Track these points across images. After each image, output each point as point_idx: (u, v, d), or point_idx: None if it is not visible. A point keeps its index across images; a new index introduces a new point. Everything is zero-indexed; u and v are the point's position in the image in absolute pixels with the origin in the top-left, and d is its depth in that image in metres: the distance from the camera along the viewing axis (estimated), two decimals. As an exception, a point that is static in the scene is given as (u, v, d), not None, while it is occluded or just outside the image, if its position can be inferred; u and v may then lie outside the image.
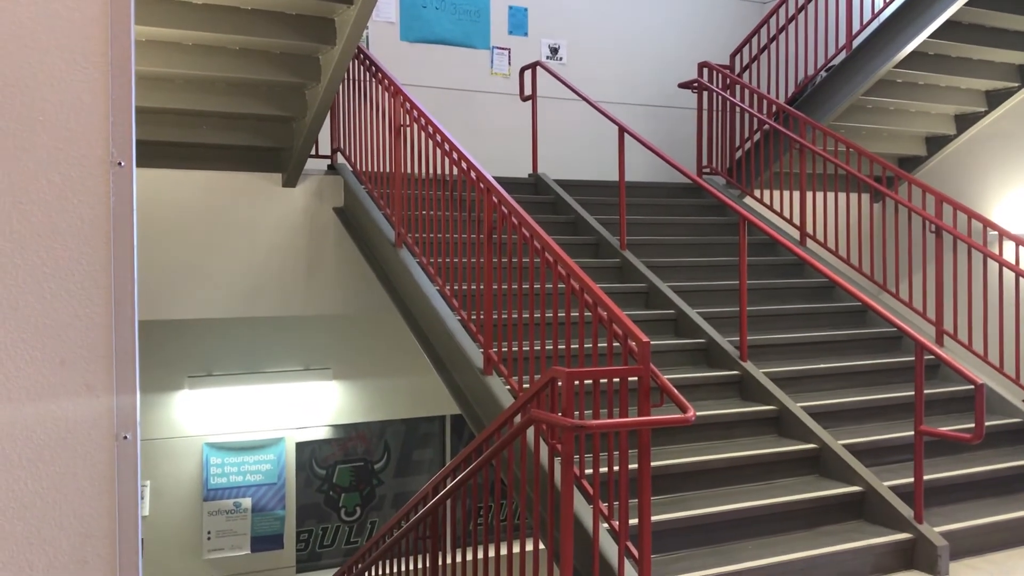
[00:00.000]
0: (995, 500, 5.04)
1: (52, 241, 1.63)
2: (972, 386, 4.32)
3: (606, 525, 3.96)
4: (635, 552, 3.75)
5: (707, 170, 8.23)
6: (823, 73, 8.03)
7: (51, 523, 1.64)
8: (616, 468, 3.91)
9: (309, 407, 8.61)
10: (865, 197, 8.15)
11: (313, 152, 6.69)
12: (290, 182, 6.65)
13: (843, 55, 7.76)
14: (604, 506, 3.93)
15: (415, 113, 5.73)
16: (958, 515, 4.76)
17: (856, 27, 7.72)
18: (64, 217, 1.62)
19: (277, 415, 8.46)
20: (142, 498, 8.29)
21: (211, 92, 6.07)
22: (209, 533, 8.19)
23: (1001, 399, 5.76)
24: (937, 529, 4.50)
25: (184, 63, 5.71)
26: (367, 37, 8.01)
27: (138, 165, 1.70)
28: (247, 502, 8.32)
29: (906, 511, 4.52)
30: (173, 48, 5.66)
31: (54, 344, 1.64)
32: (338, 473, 8.89)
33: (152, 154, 6.27)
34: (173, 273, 6.40)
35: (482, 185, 5.04)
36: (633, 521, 3.99)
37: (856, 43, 7.64)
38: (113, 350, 1.66)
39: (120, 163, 1.64)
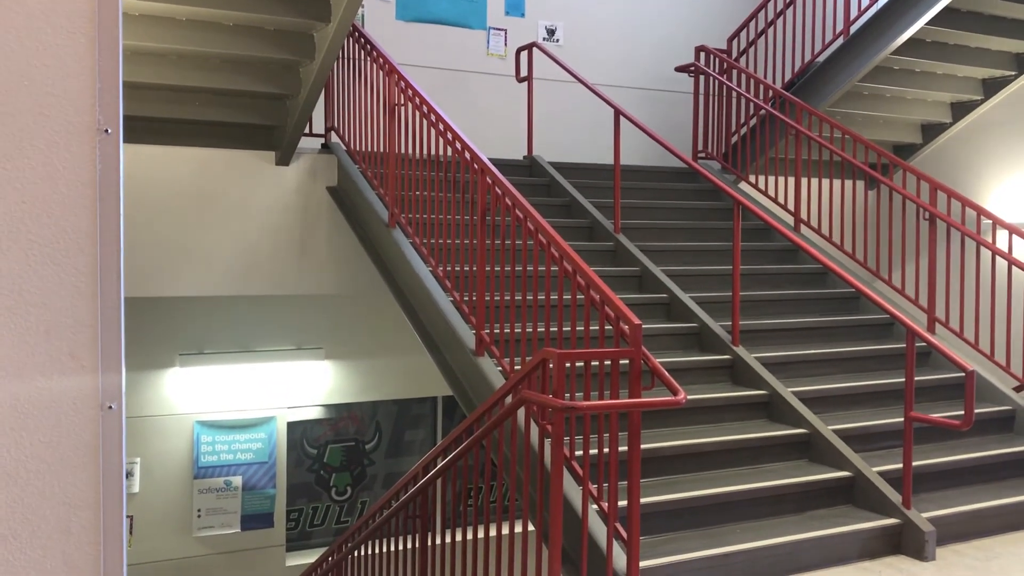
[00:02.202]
0: (982, 487, 5.06)
1: (36, 208, 1.61)
2: (962, 373, 4.33)
3: (595, 507, 3.96)
4: (624, 534, 3.75)
5: (702, 155, 8.22)
6: (820, 59, 8.01)
7: (34, 493, 1.63)
8: (606, 450, 3.92)
9: (301, 386, 8.61)
10: (860, 184, 8.14)
11: (307, 130, 6.66)
12: (283, 160, 6.62)
13: (840, 41, 7.74)
14: (593, 488, 3.93)
15: (410, 92, 5.70)
16: (946, 501, 4.78)
17: (854, 13, 7.69)
18: (49, 183, 1.60)
19: (268, 394, 8.46)
20: (132, 475, 8.30)
21: (204, 68, 6.02)
22: (199, 511, 8.20)
23: (991, 387, 5.78)
24: (925, 515, 4.52)
25: (177, 38, 5.67)
26: (362, 15, 7.96)
27: (130, 141, 1.69)
28: (238, 480, 8.33)
29: (894, 496, 4.54)
30: (166, 23, 5.62)
31: (38, 313, 1.62)
32: (329, 453, 8.90)
33: (144, 130, 6.23)
34: (165, 250, 6.38)
35: (476, 166, 5.02)
36: (622, 503, 4.00)
37: (854, 29, 7.62)
38: (98, 319, 1.64)
39: (107, 130, 1.61)
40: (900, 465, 4.66)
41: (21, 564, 1.61)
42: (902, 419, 4.89)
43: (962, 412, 4.23)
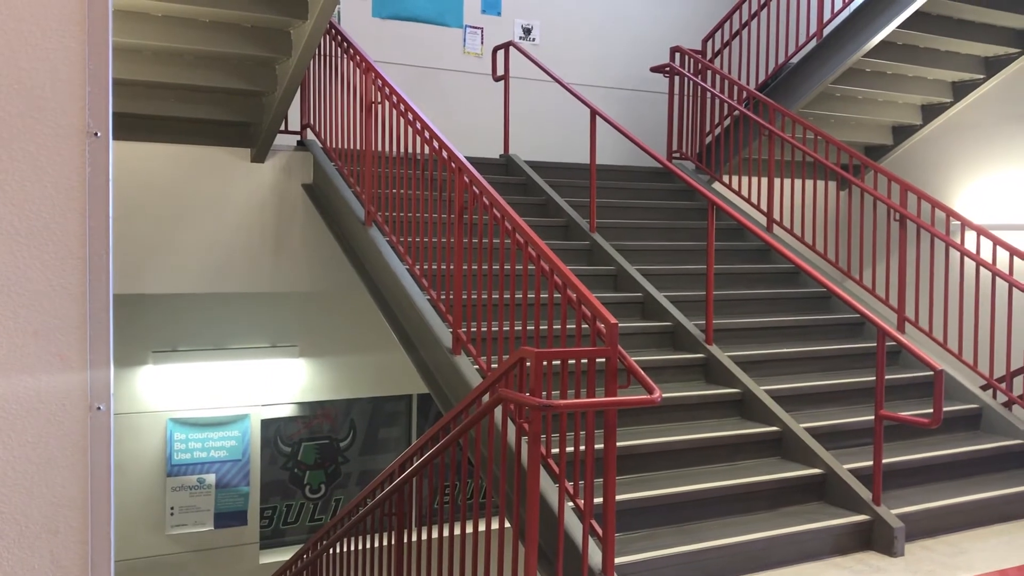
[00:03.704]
0: (951, 484, 5.15)
1: (26, 210, 1.61)
2: (931, 372, 4.40)
3: (571, 504, 4.00)
4: (599, 530, 3.79)
5: (677, 155, 8.28)
6: (793, 61, 8.09)
7: (22, 493, 1.63)
8: (582, 448, 3.95)
9: (275, 384, 8.58)
10: (832, 184, 8.24)
11: (282, 128, 6.64)
12: (259, 157, 6.59)
13: (814, 43, 7.82)
14: (569, 485, 3.96)
15: (387, 90, 5.70)
16: (915, 498, 4.86)
17: (827, 15, 7.78)
18: (39, 186, 1.60)
19: (242, 392, 8.43)
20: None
21: (180, 64, 5.99)
22: (172, 509, 8.16)
23: (959, 385, 5.87)
24: (894, 511, 4.59)
25: (153, 34, 5.63)
26: (339, 12, 7.94)
27: (106, 137, 1.67)
28: (211, 478, 8.29)
29: (865, 493, 4.61)
30: (142, 19, 5.58)
31: (27, 314, 1.62)
32: (303, 450, 8.88)
33: (119, 126, 6.13)
34: (139, 247, 6.33)
35: (453, 164, 5.03)
36: (598, 500, 4.04)
37: (827, 31, 7.71)
38: (87, 321, 1.65)
39: (96, 134, 1.62)
40: (870, 462, 4.74)
41: (8, 564, 1.61)
42: (872, 417, 4.96)
43: (931, 410, 4.31)
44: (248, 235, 6.65)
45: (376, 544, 5.12)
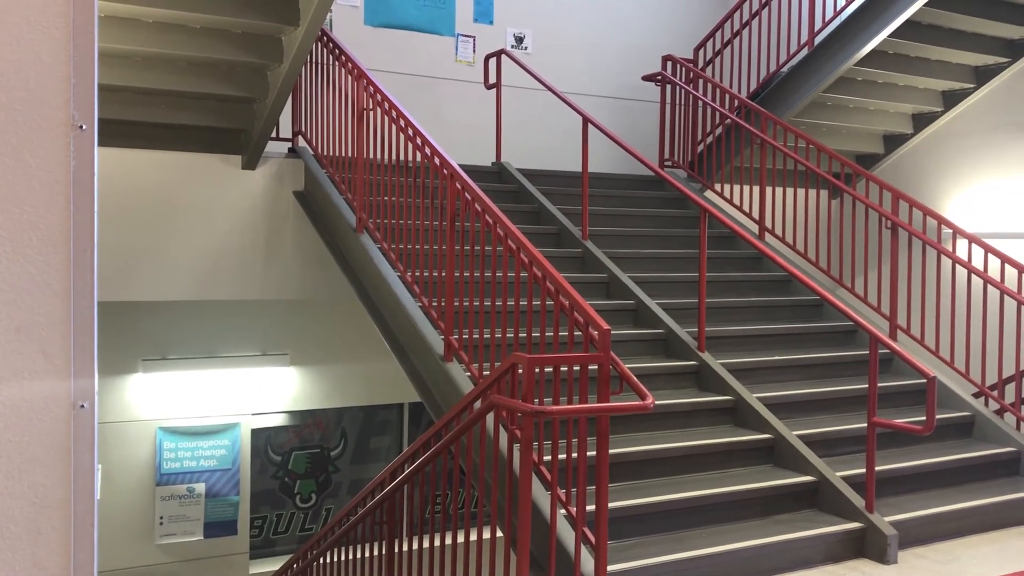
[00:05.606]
0: (943, 491, 5.13)
1: (9, 204, 1.58)
2: (924, 379, 4.39)
3: (563, 511, 3.97)
4: (592, 538, 3.76)
5: (669, 163, 8.29)
6: (785, 69, 8.11)
7: (3, 493, 1.60)
8: (575, 455, 3.93)
9: (265, 393, 8.54)
10: (823, 193, 8.25)
11: (274, 135, 6.62)
12: (250, 164, 6.57)
13: (805, 52, 7.85)
14: (562, 492, 3.94)
15: (379, 97, 5.69)
16: (907, 505, 4.85)
17: (818, 24, 7.80)
18: (22, 179, 1.58)
19: (233, 400, 8.38)
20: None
21: (171, 71, 5.96)
22: (161, 518, 8.10)
23: (951, 393, 5.87)
24: (887, 519, 4.58)
25: (143, 40, 5.61)
26: (330, 20, 7.93)
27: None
28: (201, 487, 8.23)
29: (858, 501, 4.60)
30: (132, 24, 5.56)
31: (9, 310, 1.59)
32: (294, 459, 8.83)
33: (109, 133, 6.15)
34: (129, 254, 6.30)
35: (446, 172, 5.02)
36: (590, 508, 4.01)
37: (818, 40, 7.73)
38: (71, 317, 1.62)
39: (82, 127, 1.59)
40: (863, 470, 4.72)
41: (-11, 565, 1.59)
42: (865, 424, 4.95)
43: (923, 418, 4.29)
44: (239, 242, 6.63)
45: (367, 553, 5.08)
